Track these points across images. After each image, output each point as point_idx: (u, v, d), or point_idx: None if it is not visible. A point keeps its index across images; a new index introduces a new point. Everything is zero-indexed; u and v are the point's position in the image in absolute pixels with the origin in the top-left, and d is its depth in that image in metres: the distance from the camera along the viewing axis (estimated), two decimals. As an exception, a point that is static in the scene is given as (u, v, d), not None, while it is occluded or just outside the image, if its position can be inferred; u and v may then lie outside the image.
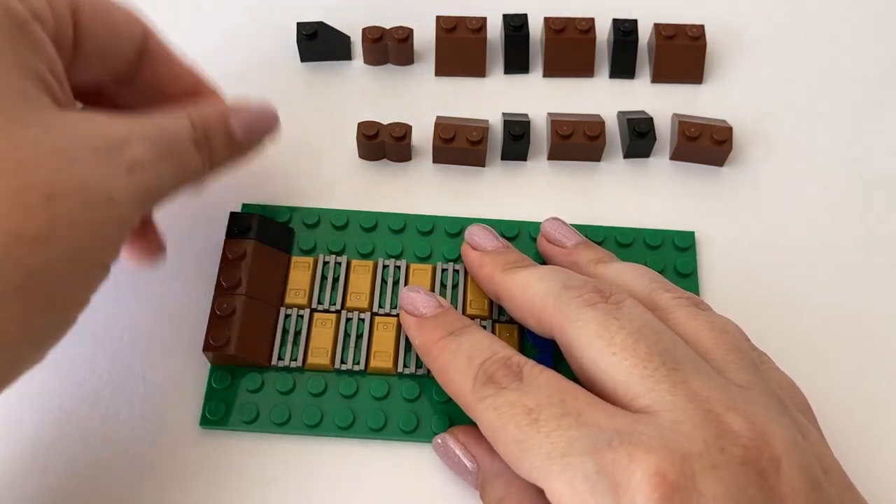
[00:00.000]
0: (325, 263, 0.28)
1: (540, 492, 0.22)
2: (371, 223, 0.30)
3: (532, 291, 0.24)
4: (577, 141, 0.31)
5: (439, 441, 0.25)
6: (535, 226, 0.29)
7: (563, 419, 0.20)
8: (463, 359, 0.23)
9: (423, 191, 0.31)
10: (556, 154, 0.32)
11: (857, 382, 0.28)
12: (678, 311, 0.23)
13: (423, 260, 0.29)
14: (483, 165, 0.32)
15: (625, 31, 0.33)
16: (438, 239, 0.30)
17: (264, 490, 0.25)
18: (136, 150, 0.21)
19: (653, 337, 0.21)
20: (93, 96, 0.25)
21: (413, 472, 0.26)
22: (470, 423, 0.25)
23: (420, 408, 0.26)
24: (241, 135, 0.25)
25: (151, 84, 0.25)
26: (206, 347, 0.26)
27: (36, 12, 0.20)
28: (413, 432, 0.26)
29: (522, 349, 0.27)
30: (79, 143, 0.20)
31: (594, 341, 0.21)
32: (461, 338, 0.24)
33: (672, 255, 0.29)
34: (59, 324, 0.20)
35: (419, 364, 0.27)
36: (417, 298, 0.26)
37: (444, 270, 0.29)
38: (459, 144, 0.31)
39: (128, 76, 0.25)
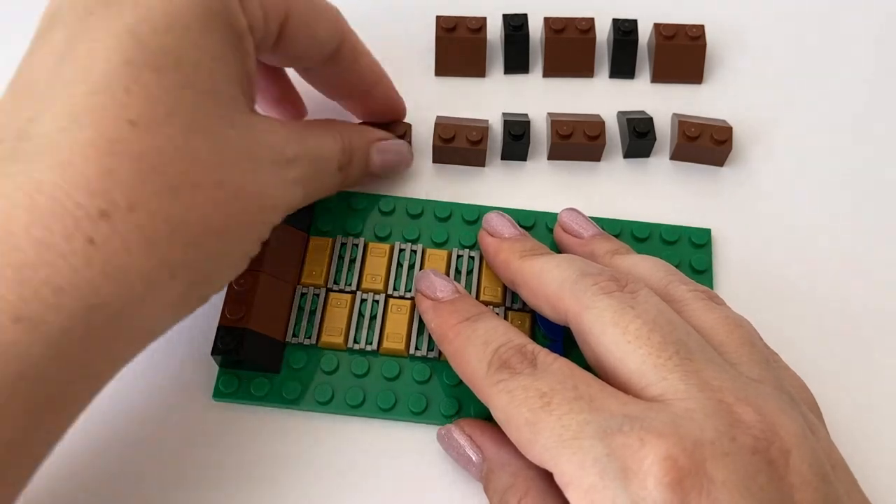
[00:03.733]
0: (343, 245, 0.29)
1: (546, 482, 0.22)
2: (389, 207, 0.30)
3: (548, 278, 0.24)
4: (577, 141, 0.31)
5: (444, 432, 0.25)
6: (552, 216, 0.30)
7: (575, 403, 0.20)
8: (478, 344, 0.23)
9: (422, 191, 0.31)
10: (556, 154, 0.32)
11: (863, 376, 0.28)
12: (694, 304, 0.23)
13: (439, 245, 0.29)
14: (483, 165, 0.32)
15: (625, 31, 0.33)
16: (455, 225, 0.30)
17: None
18: (300, 169, 0.24)
19: (667, 327, 0.21)
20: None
21: (420, 452, 0.26)
22: (479, 409, 0.26)
23: (430, 390, 0.27)
24: (377, 167, 0.29)
25: (333, 79, 0.28)
26: (224, 321, 0.26)
27: (252, 24, 0.23)
28: (422, 414, 0.26)
29: (534, 337, 0.27)
30: (264, 153, 0.23)
31: (609, 329, 0.21)
32: (477, 324, 0.24)
33: (687, 251, 0.30)
34: (201, 300, 0.23)
35: (431, 347, 0.27)
36: (435, 282, 0.26)
37: (459, 256, 0.29)
38: (459, 144, 0.31)
39: (314, 67, 0.27)
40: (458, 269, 0.29)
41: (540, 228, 0.30)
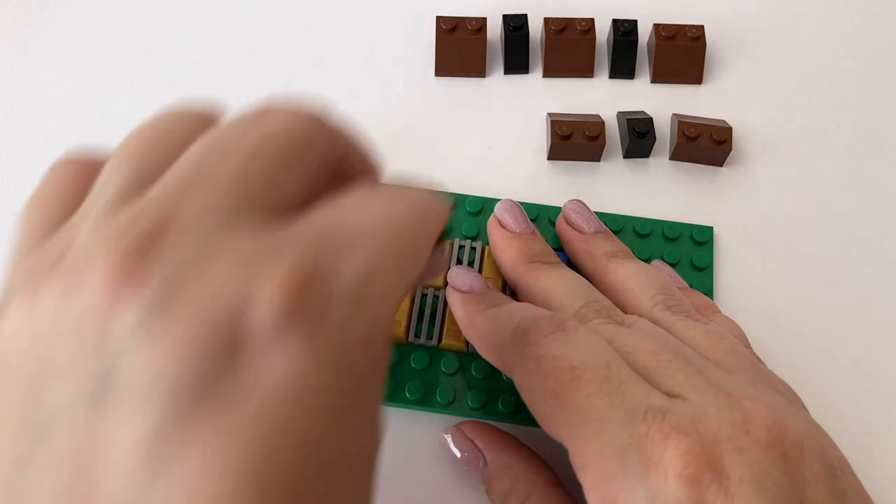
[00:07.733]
0: None
1: (548, 485, 0.22)
2: None
3: (554, 301, 0.24)
4: (577, 141, 0.31)
5: (446, 436, 0.25)
6: (555, 210, 0.30)
7: (605, 384, 0.20)
8: (504, 318, 0.23)
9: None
10: (556, 154, 0.32)
11: (863, 374, 0.28)
12: (677, 325, 0.23)
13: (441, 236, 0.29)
14: (483, 165, 0.32)
15: (624, 31, 0.33)
16: (459, 216, 0.30)
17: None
18: None
19: (661, 340, 0.22)
20: None
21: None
22: (477, 398, 0.26)
23: (429, 378, 0.27)
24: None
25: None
26: None
27: None
28: (420, 401, 0.26)
29: None
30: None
31: None
32: (504, 306, 0.24)
33: (689, 249, 0.30)
34: None
35: (430, 335, 0.27)
36: (466, 277, 0.26)
37: (461, 247, 0.29)
38: (459, 144, 0.31)
39: None
40: (459, 260, 0.29)
41: (542, 221, 0.30)
